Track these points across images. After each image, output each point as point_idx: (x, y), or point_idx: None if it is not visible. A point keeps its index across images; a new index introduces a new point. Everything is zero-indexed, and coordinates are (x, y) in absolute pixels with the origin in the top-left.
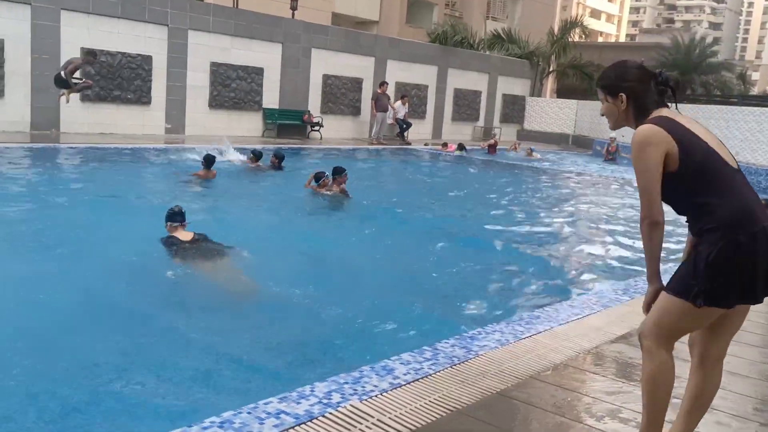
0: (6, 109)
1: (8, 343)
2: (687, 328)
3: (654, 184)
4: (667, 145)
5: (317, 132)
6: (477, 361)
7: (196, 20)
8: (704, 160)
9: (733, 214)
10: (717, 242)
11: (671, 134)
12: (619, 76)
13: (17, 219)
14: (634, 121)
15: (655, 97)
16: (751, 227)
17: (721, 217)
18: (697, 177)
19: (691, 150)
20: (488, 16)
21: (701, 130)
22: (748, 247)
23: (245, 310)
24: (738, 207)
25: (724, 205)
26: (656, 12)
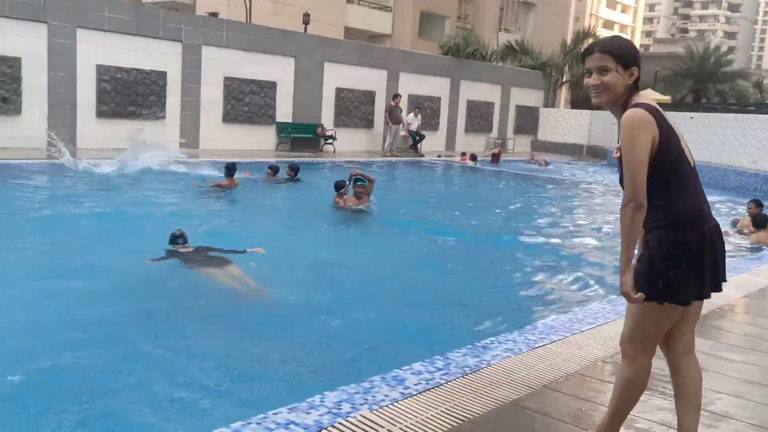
0: (24, 125)
1: (23, 354)
2: (660, 330)
3: (643, 167)
4: (654, 133)
5: (330, 145)
6: (489, 371)
7: (210, 36)
8: (676, 157)
9: (685, 214)
10: (668, 240)
11: (657, 124)
12: (633, 49)
13: (43, 230)
14: (624, 99)
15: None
16: (700, 227)
17: (673, 215)
18: (665, 172)
19: (669, 145)
20: (500, 28)
21: (674, 125)
22: (697, 246)
23: (255, 319)
24: (691, 207)
25: (679, 203)
26: (670, 22)
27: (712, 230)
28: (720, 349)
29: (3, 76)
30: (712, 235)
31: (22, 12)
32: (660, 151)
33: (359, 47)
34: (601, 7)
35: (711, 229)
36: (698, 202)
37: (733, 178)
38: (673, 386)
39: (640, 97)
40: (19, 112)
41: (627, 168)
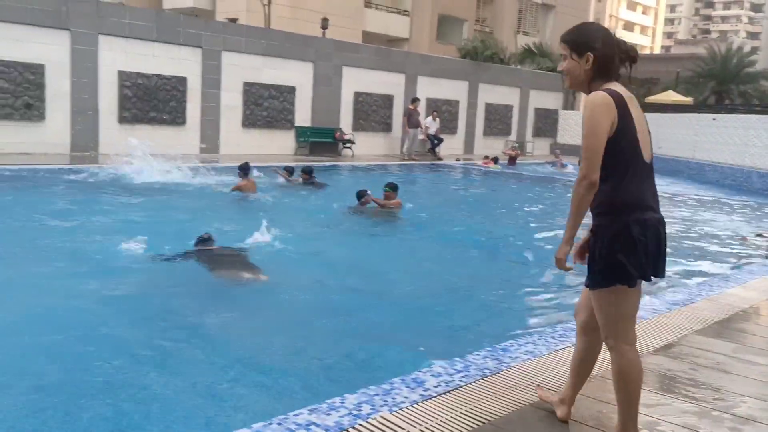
0: (47, 131)
1: (39, 350)
2: (624, 312)
3: (600, 148)
4: (613, 117)
5: (349, 149)
6: (509, 373)
7: (230, 41)
8: (626, 147)
9: (626, 201)
10: (611, 225)
11: (617, 111)
12: (589, 36)
13: (65, 231)
14: (588, 85)
15: (616, 65)
16: (641, 214)
17: (615, 201)
18: (615, 159)
19: (624, 133)
20: (519, 31)
21: (637, 116)
22: (639, 231)
23: (275, 321)
24: (632, 195)
25: (622, 191)
26: (692, 23)
27: (655, 220)
28: (743, 352)
29: (27, 83)
30: (657, 225)
31: (45, 19)
32: (615, 136)
33: (377, 51)
34: (621, 9)
35: (654, 218)
36: (641, 193)
37: (756, 180)
38: (575, 352)
39: (612, 85)
40: (43, 118)
41: (585, 147)
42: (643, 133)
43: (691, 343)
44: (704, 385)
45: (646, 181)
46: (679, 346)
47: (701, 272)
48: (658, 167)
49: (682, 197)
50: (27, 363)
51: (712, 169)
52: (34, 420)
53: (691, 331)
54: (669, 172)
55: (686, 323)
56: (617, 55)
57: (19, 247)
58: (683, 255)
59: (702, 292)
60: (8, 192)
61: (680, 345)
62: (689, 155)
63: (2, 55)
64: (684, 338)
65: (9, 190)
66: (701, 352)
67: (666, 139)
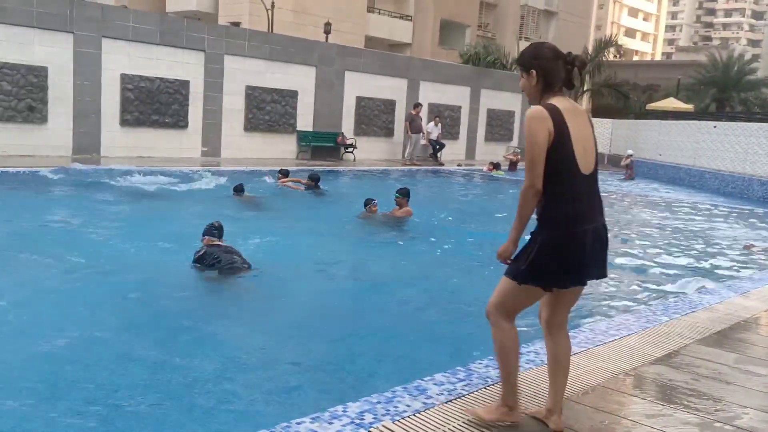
0: (50, 133)
1: (42, 352)
2: (522, 304)
3: (541, 156)
4: (549, 129)
5: (351, 153)
6: None
7: (232, 45)
8: (561, 159)
9: (560, 214)
10: (542, 234)
11: (554, 125)
12: (532, 54)
13: (64, 236)
14: (539, 98)
15: (561, 75)
16: (572, 228)
17: (551, 215)
18: (550, 171)
19: (558, 148)
20: (521, 37)
21: (577, 131)
22: (566, 245)
23: (278, 328)
24: (567, 209)
25: (558, 205)
26: (693, 30)
27: (589, 232)
28: (745, 363)
29: (30, 85)
30: (584, 236)
31: (50, 22)
32: (550, 148)
33: (380, 56)
34: (623, 15)
35: (588, 230)
36: (576, 205)
37: (757, 188)
38: (547, 355)
39: (555, 99)
40: (45, 120)
41: (527, 158)
42: (584, 145)
43: (692, 353)
44: (706, 396)
45: (584, 193)
46: (680, 356)
47: (702, 281)
48: (659, 174)
49: (683, 204)
50: (27, 364)
51: (713, 176)
52: (37, 421)
53: (692, 341)
54: (669, 179)
55: (687, 333)
56: (563, 67)
57: (22, 248)
58: (684, 263)
59: (703, 302)
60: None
61: (681, 355)
62: (690, 162)
63: (6, 57)
64: (685, 348)
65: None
66: (702, 362)
67: (667, 147)
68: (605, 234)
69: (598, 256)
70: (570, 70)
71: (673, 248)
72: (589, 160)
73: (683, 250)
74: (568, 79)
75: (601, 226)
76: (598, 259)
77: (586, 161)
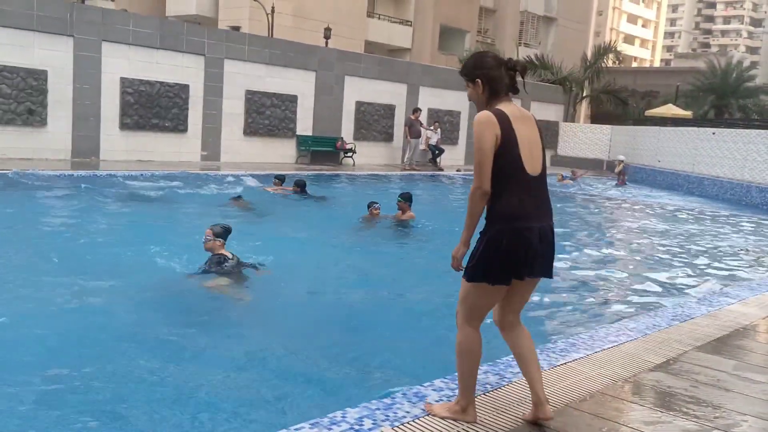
0: (49, 137)
1: (48, 352)
2: (485, 305)
3: (488, 160)
4: (496, 132)
5: (350, 158)
6: (510, 389)
7: (232, 50)
8: (508, 161)
9: (506, 212)
10: (489, 230)
11: (501, 129)
12: (475, 64)
13: (65, 241)
14: (486, 105)
15: (506, 81)
16: (516, 224)
17: (497, 212)
18: (497, 173)
19: (505, 151)
20: (520, 43)
21: (525, 134)
22: (511, 240)
23: (277, 333)
24: (512, 207)
25: (503, 203)
26: (691, 37)
27: (534, 230)
28: (744, 370)
29: (30, 89)
30: (529, 233)
31: (50, 26)
32: (498, 151)
33: (379, 61)
34: (622, 22)
35: (533, 228)
36: (522, 204)
37: (756, 195)
38: (513, 353)
39: (502, 105)
40: (45, 123)
41: (476, 161)
42: (531, 148)
43: (691, 360)
44: (705, 403)
45: (530, 193)
46: (679, 363)
47: (701, 287)
48: (658, 180)
49: (682, 211)
50: (33, 364)
51: (712, 183)
52: (44, 421)
53: (691, 348)
54: (668, 185)
55: (686, 339)
56: (506, 73)
57: (25, 249)
58: (682, 269)
59: (702, 308)
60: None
61: (680, 361)
62: (689, 169)
63: (6, 60)
64: (684, 355)
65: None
66: (701, 369)
67: (665, 153)
68: (552, 235)
69: (543, 255)
70: (513, 75)
71: (671, 254)
72: (536, 162)
73: (681, 256)
74: (512, 85)
75: (548, 227)
76: (543, 258)
77: (533, 164)
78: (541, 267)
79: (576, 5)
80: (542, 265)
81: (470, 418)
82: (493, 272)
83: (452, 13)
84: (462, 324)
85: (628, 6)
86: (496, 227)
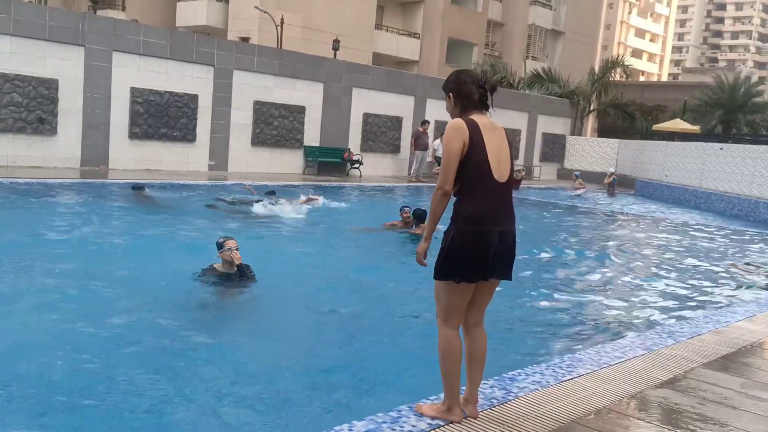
0: (59, 145)
1: (55, 362)
2: (457, 303)
3: (453, 162)
4: (464, 139)
5: (357, 169)
6: (516, 403)
7: (242, 60)
8: (475, 166)
9: (469, 214)
10: (453, 230)
11: (469, 134)
12: (450, 81)
13: (68, 249)
14: (459, 116)
15: (475, 98)
16: (478, 226)
17: (461, 213)
18: (464, 176)
19: (472, 154)
20: (528, 56)
21: (493, 143)
22: (473, 242)
23: (285, 345)
24: (476, 209)
25: (468, 206)
26: (699, 51)
27: (495, 233)
28: (751, 387)
29: (41, 98)
30: (490, 236)
31: (62, 36)
32: (465, 157)
33: (387, 73)
34: (630, 36)
35: (494, 231)
36: (486, 208)
37: (763, 211)
38: (465, 350)
39: (474, 116)
40: (55, 132)
41: (443, 162)
42: (499, 156)
43: (698, 377)
44: (712, 421)
45: (495, 197)
46: (685, 380)
47: (707, 304)
48: (665, 195)
49: (688, 225)
50: (34, 371)
51: (719, 198)
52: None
53: (698, 365)
54: (675, 200)
55: (693, 356)
56: (476, 90)
57: (39, 258)
58: (689, 285)
59: (709, 325)
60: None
61: (687, 378)
62: (696, 184)
63: (18, 69)
64: (690, 372)
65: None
66: (708, 387)
67: (673, 168)
68: (512, 240)
69: (503, 258)
70: (483, 92)
71: (678, 269)
72: (504, 169)
73: (688, 271)
74: (481, 101)
75: (509, 231)
76: (503, 261)
77: (500, 170)
78: (500, 269)
79: (584, 19)
80: (501, 267)
81: (455, 418)
82: (457, 271)
83: (460, 26)
84: (441, 325)
85: (636, 20)
86: (459, 228)
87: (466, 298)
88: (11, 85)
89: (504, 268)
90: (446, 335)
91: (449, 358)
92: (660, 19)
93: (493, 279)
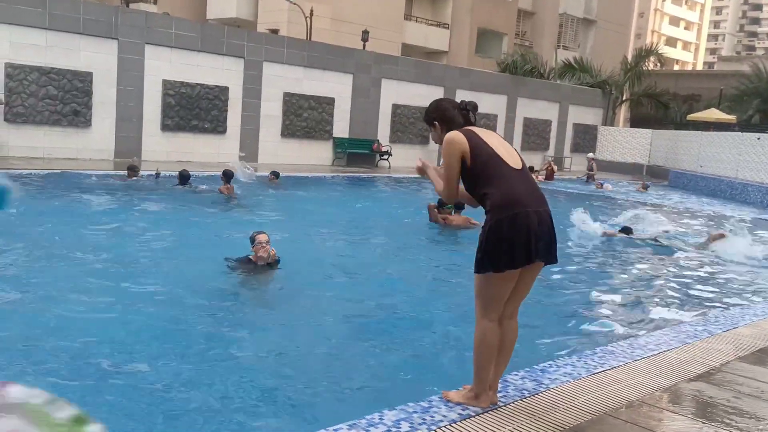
0: (93, 137)
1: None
2: (499, 294)
3: (453, 172)
4: (463, 147)
5: (386, 161)
6: (548, 395)
7: (271, 52)
8: (487, 161)
9: (500, 200)
10: (489, 222)
11: (467, 139)
12: (431, 111)
13: (100, 241)
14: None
15: (460, 120)
16: (513, 210)
17: (493, 203)
18: (482, 172)
19: (478, 152)
20: (559, 45)
21: (494, 140)
22: (511, 225)
23: (315, 334)
24: (505, 195)
25: (496, 193)
26: (736, 39)
27: (531, 214)
28: None
29: (75, 90)
30: (527, 217)
31: (96, 29)
32: (472, 158)
33: (416, 64)
34: (664, 24)
35: (530, 212)
36: (513, 192)
37: None
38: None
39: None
40: (89, 124)
41: (444, 175)
42: (506, 148)
43: (734, 370)
44: (748, 414)
45: (519, 182)
46: (721, 373)
47: (743, 297)
48: (699, 186)
49: (724, 217)
50: (59, 358)
51: (756, 189)
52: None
53: (734, 358)
54: (710, 191)
55: (728, 349)
56: (459, 113)
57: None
58: (724, 278)
59: (745, 318)
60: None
61: (722, 372)
62: (732, 175)
63: (54, 63)
64: (726, 365)
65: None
66: (744, 380)
67: (708, 159)
68: (550, 219)
69: (544, 239)
70: (466, 114)
71: (713, 261)
72: (515, 158)
73: (724, 263)
74: (466, 122)
75: (544, 212)
76: (544, 242)
77: (513, 159)
78: (545, 251)
79: (616, 7)
80: (545, 248)
81: (483, 404)
82: (500, 260)
83: (490, 16)
84: (479, 318)
85: (671, 8)
86: (495, 217)
87: (508, 288)
88: (47, 78)
89: (548, 250)
90: (484, 327)
91: (485, 350)
92: (695, 6)
93: (538, 262)
